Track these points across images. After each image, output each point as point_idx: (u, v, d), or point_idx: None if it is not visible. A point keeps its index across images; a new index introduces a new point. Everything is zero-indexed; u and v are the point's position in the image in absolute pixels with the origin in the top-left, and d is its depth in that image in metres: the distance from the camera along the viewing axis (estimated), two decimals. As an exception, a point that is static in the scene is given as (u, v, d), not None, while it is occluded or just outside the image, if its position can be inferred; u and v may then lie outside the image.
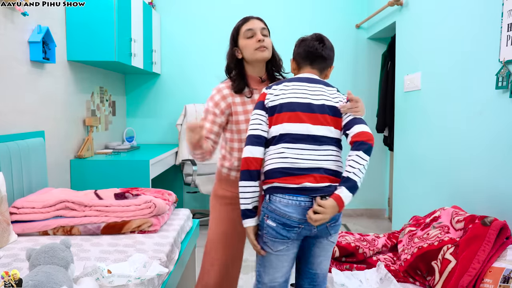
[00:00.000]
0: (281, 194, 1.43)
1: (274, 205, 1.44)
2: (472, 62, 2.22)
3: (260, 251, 1.50)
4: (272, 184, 1.45)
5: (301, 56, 1.63)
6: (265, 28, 1.71)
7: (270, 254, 1.49)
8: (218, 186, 1.81)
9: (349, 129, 1.49)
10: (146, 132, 4.32)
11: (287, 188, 1.43)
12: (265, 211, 1.47)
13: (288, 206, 1.42)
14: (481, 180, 2.11)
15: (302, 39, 1.65)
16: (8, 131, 2.26)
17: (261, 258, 1.52)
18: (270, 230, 1.45)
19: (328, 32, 4.75)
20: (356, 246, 1.98)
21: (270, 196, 1.46)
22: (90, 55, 2.97)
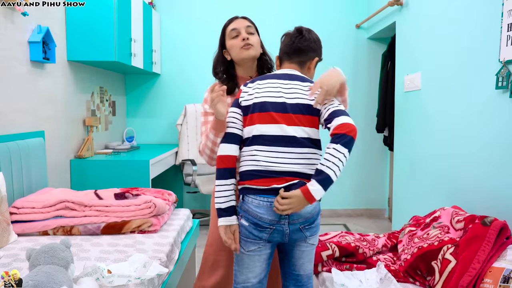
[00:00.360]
0: (253, 195, 1.43)
1: (247, 206, 1.44)
2: (472, 62, 2.22)
3: (234, 248, 1.47)
4: (244, 185, 1.46)
5: (281, 51, 1.60)
6: (250, 26, 1.70)
7: (242, 254, 1.48)
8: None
9: (329, 123, 1.38)
10: (146, 132, 4.32)
11: (258, 190, 1.42)
12: (239, 210, 1.48)
13: (259, 207, 1.41)
14: (481, 180, 2.11)
15: (284, 34, 1.61)
16: (8, 131, 2.26)
17: (236, 257, 1.52)
18: (243, 229, 1.45)
19: (328, 32, 4.78)
20: (356, 246, 1.98)
21: (244, 196, 1.46)
22: (90, 55, 2.97)
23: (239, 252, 1.49)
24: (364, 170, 4.38)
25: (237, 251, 1.48)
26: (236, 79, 1.72)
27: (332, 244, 1.97)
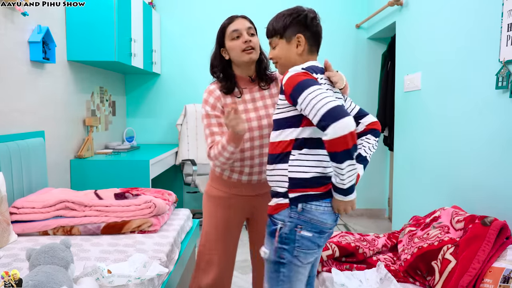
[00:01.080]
0: (317, 201, 1.34)
1: (311, 215, 1.33)
2: (472, 62, 2.22)
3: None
4: (307, 192, 1.34)
5: (312, 36, 1.46)
6: (251, 27, 1.67)
7: (299, 267, 1.37)
8: (210, 185, 1.79)
9: (362, 118, 1.54)
10: (146, 132, 4.32)
11: (321, 195, 1.34)
12: (297, 221, 1.33)
13: (324, 213, 1.34)
14: (481, 180, 2.11)
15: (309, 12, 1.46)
16: (8, 131, 2.26)
17: (287, 274, 1.37)
18: (306, 241, 1.34)
19: (328, 32, 4.75)
20: (356, 246, 1.98)
21: (303, 205, 1.34)
22: (90, 55, 2.97)
23: (294, 266, 1.35)
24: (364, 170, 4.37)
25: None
26: (234, 78, 1.71)
27: (332, 244, 1.97)
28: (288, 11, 1.46)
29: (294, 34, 1.43)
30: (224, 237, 1.76)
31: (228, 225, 1.74)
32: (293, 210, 1.34)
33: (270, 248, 1.38)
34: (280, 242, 1.35)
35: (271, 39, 1.48)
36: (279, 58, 1.47)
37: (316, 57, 1.50)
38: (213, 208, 1.76)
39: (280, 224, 1.35)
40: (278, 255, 1.36)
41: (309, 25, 1.44)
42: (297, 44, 1.43)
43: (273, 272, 1.38)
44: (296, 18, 1.43)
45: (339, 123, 1.20)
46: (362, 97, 4.31)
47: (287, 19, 1.43)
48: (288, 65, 1.44)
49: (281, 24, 1.44)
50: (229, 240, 1.78)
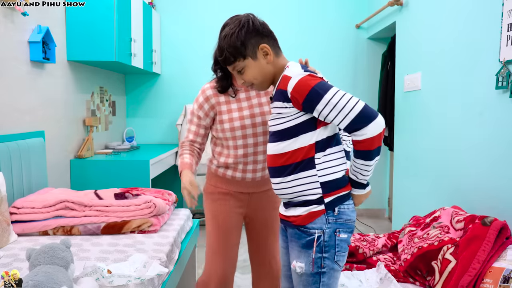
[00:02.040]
0: (347, 201, 1.32)
1: (346, 215, 1.31)
2: (472, 62, 2.22)
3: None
4: (341, 193, 1.31)
5: (271, 39, 1.39)
6: (234, 66, 1.61)
7: (337, 272, 1.33)
8: (207, 183, 1.81)
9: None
10: (146, 132, 4.32)
11: (349, 193, 1.34)
12: (335, 226, 1.30)
13: (353, 211, 1.34)
14: (481, 180, 2.11)
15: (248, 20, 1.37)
16: (8, 131, 2.26)
17: (327, 282, 1.31)
18: (344, 244, 1.31)
19: (328, 32, 4.78)
20: (356, 246, 1.98)
21: (337, 207, 1.30)
22: (90, 55, 2.97)
23: (334, 272, 1.32)
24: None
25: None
26: (231, 78, 1.68)
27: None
28: (233, 28, 1.36)
29: (256, 47, 1.35)
30: (224, 234, 1.74)
31: (227, 221, 1.73)
32: (330, 215, 1.29)
33: (305, 260, 1.31)
34: (320, 252, 1.29)
35: (233, 65, 1.38)
36: (254, 79, 1.39)
37: (283, 56, 1.43)
38: (211, 204, 1.77)
39: (317, 233, 1.29)
40: (318, 265, 1.30)
41: (261, 30, 1.37)
42: (265, 55, 1.36)
43: (311, 284, 1.32)
44: (247, 30, 1.34)
45: (375, 123, 1.20)
46: (362, 97, 4.30)
47: (241, 35, 1.34)
48: (266, 80, 1.39)
49: (237, 44, 1.34)
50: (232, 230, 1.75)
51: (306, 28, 4.23)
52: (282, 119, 1.31)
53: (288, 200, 1.36)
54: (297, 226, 1.32)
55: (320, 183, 1.29)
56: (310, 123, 1.29)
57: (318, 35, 4.26)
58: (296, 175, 1.30)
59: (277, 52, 1.40)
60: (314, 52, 4.23)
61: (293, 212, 1.34)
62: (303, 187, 1.30)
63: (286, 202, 1.38)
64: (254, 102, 1.68)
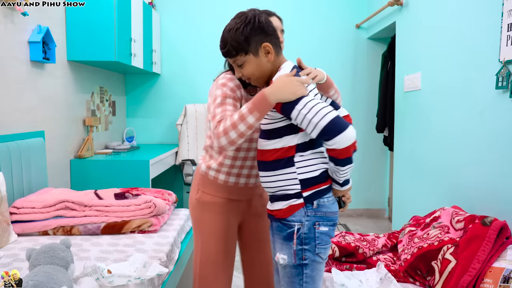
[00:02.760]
0: (327, 194, 1.37)
1: (325, 208, 1.36)
2: (472, 62, 2.22)
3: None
4: (319, 188, 1.36)
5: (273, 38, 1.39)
6: (283, 30, 1.59)
7: (320, 265, 1.37)
8: (202, 191, 1.61)
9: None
10: (146, 132, 4.32)
11: (329, 187, 1.39)
12: (314, 219, 1.34)
13: (334, 203, 1.39)
14: (481, 180, 2.11)
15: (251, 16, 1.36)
16: (8, 131, 2.26)
17: (310, 274, 1.36)
18: (324, 236, 1.35)
19: (328, 32, 4.77)
20: (356, 246, 1.98)
21: (316, 201, 1.35)
22: (90, 55, 2.97)
23: (317, 264, 1.36)
24: (364, 170, 4.38)
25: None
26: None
27: (332, 244, 1.97)
28: (239, 23, 1.35)
29: (259, 45, 1.36)
30: (226, 248, 1.63)
31: (227, 233, 1.62)
32: (308, 209, 1.35)
33: (288, 252, 1.35)
34: (300, 244, 1.34)
35: (234, 58, 1.38)
36: (252, 74, 1.39)
37: (283, 54, 1.46)
38: (211, 216, 1.60)
39: (297, 225, 1.34)
40: (300, 257, 1.34)
41: (266, 28, 1.36)
42: (266, 54, 1.37)
43: (295, 276, 1.36)
44: (253, 27, 1.34)
45: (343, 136, 1.24)
46: (362, 97, 4.31)
47: (245, 31, 1.33)
48: (264, 77, 1.41)
49: (241, 39, 1.34)
50: (230, 251, 1.66)
51: (306, 28, 4.23)
52: (270, 119, 1.37)
53: (271, 193, 1.43)
54: (279, 219, 1.38)
55: (299, 180, 1.35)
56: (292, 127, 1.35)
57: (318, 35, 4.26)
58: (277, 171, 1.37)
59: (277, 51, 1.41)
60: (314, 52, 4.23)
61: (276, 206, 1.40)
62: (283, 182, 1.37)
63: (270, 196, 1.44)
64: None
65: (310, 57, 4.22)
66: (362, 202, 4.43)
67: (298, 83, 1.29)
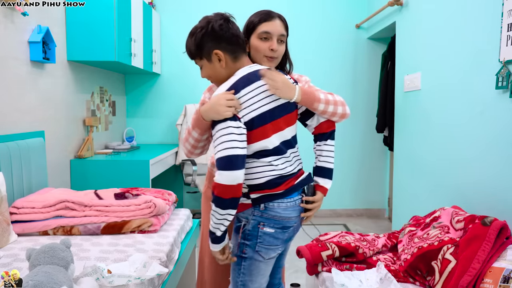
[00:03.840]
0: (278, 199, 1.41)
1: (273, 212, 1.40)
2: (472, 62, 2.22)
3: (231, 259, 1.47)
4: (265, 193, 1.40)
5: (229, 42, 1.40)
6: (284, 34, 1.54)
7: (260, 262, 1.45)
8: (207, 186, 1.76)
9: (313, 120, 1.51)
10: (146, 132, 4.32)
11: (282, 194, 1.41)
12: (259, 219, 1.41)
13: (287, 208, 1.42)
14: (481, 180, 2.11)
15: (210, 20, 1.42)
16: (8, 131, 2.26)
17: (248, 267, 1.45)
18: (268, 237, 1.41)
19: (328, 32, 4.76)
20: (356, 246, 1.98)
21: (265, 204, 1.40)
22: (90, 55, 2.97)
23: (255, 261, 1.44)
24: (364, 170, 4.38)
25: (233, 260, 1.47)
26: None
27: (332, 244, 1.97)
28: (196, 27, 1.42)
29: (211, 51, 1.40)
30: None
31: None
32: (256, 209, 1.41)
33: (234, 242, 1.48)
34: (243, 238, 1.44)
35: (194, 60, 1.48)
36: (209, 77, 1.48)
37: (244, 59, 1.45)
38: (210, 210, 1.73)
39: (243, 221, 1.44)
40: (241, 250, 1.44)
41: (221, 35, 1.38)
42: (219, 60, 1.41)
43: (236, 265, 1.48)
44: (205, 34, 1.39)
45: (220, 174, 1.29)
46: (362, 97, 4.31)
47: (197, 37, 1.40)
48: (220, 80, 1.45)
49: (193, 45, 1.42)
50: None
51: (306, 28, 4.23)
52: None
53: None
54: (237, 212, 1.46)
55: (246, 184, 1.42)
56: None
57: (318, 35, 4.26)
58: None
59: (235, 57, 1.42)
60: (314, 52, 4.24)
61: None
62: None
63: None
64: None
65: (310, 57, 4.22)
66: (362, 202, 4.43)
67: (225, 104, 1.31)
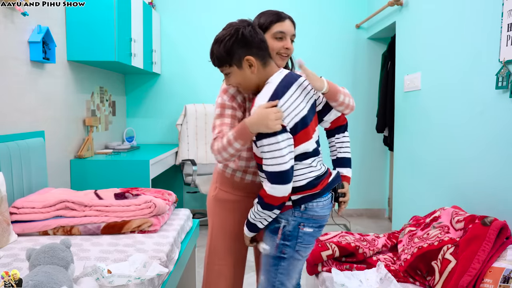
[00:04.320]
0: (316, 199, 1.45)
1: (312, 211, 1.44)
2: (472, 62, 2.22)
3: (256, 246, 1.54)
4: (305, 194, 1.44)
5: (261, 50, 1.42)
6: (294, 34, 1.59)
7: (298, 261, 1.49)
8: (219, 188, 1.66)
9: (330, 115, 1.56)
10: (146, 132, 4.32)
11: (319, 193, 1.45)
12: (300, 220, 1.44)
13: (324, 207, 1.46)
14: (481, 180, 2.11)
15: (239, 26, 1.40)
16: (8, 131, 2.26)
17: (286, 267, 1.47)
18: (307, 237, 1.46)
19: (328, 32, 4.76)
20: (356, 246, 1.98)
21: (304, 205, 1.44)
22: (90, 55, 2.97)
23: (294, 260, 1.47)
24: (364, 170, 4.38)
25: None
26: None
27: (332, 244, 1.97)
28: (224, 34, 1.40)
29: (242, 58, 1.39)
30: (236, 245, 1.66)
31: (239, 231, 1.63)
32: (296, 210, 1.44)
33: (270, 244, 1.47)
34: (283, 239, 1.45)
35: (220, 68, 1.45)
36: (238, 84, 1.45)
37: (272, 64, 1.47)
38: (222, 213, 1.66)
39: (283, 223, 1.45)
40: (280, 250, 1.45)
41: (251, 41, 1.39)
42: (250, 66, 1.41)
43: (272, 266, 1.48)
44: (236, 41, 1.38)
45: (272, 187, 1.35)
46: (362, 97, 4.31)
47: (228, 44, 1.38)
48: (250, 87, 1.46)
49: (223, 52, 1.40)
50: (241, 249, 1.68)
51: (306, 28, 4.23)
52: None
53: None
54: None
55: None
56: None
57: (318, 35, 4.26)
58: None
59: (264, 62, 1.43)
60: (314, 52, 4.24)
61: None
62: None
63: None
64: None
65: (310, 57, 4.22)
66: (362, 202, 4.43)
67: (274, 118, 1.32)
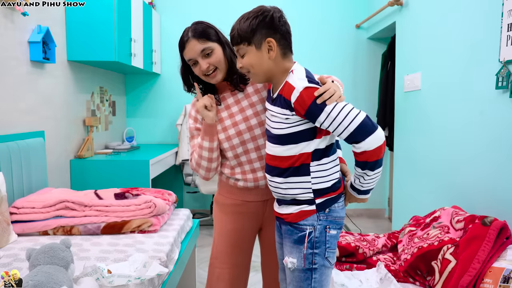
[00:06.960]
0: (338, 200, 1.37)
1: (335, 213, 1.36)
2: (472, 62, 2.22)
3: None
4: (332, 196, 1.36)
5: (286, 39, 1.34)
6: (204, 48, 1.46)
7: (329, 269, 1.37)
8: (218, 193, 1.67)
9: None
10: (146, 132, 4.33)
11: (340, 194, 1.39)
12: (325, 223, 1.35)
13: (343, 208, 1.40)
14: (481, 180, 2.11)
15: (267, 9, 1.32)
16: (8, 131, 2.26)
17: (319, 278, 1.35)
18: (333, 240, 1.36)
19: (328, 32, 4.76)
20: (356, 246, 1.98)
21: (329, 207, 1.36)
22: (90, 55, 2.97)
23: (325, 269, 1.36)
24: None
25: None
26: (215, 86, 1.58)
27: (332, 244, 1.96)
28: (252, 13, 1.32)
29: (263, 39, 1.30)
30: (235, 249, 1.62)
31: (240, 235, 1.61)
32: (321, 213, 1.35)
33: (297, 256, 1.34)
34: (311, 247, 1.33)
35: (237, 46, 1.34)
36: (251, 67, 1.34)
37: (291, 59, 1.38)
38: (222, 216, 1.64)
39: (309, 229, 1.33)
40: (310, 261, 1.34)
41: (278, 26, 1.31)
42: (269, 49, 1.31)
43: (304, 280, 1.35)
44: (263, 21, 1.29)
45: (373, 137, 1.23)
46: (362, 97, 4.31)
47: (253, 23, 1.29)
48: (262, 73, 1.35)
49: (247, 29, 1.30)
50: (241, 252, 1.64)
51: (306, 28, 4.24)
52: (284, 124, 1.32)
53: (280, 198, 1.41)
54: (289, 223, 1.37)
55: (312, 189, 1.33)
56: (310, 132, 1.31)
57: (318, 35, 4.27)
58: (290, 179, 1.34)
59: (285, 53, 1.35)
60: (314, 52, 4.24)
61: (285, 210, 1.38)
62: (295, 190, 1.35)
63: (278, 199, 1.42)
64: (244, 104, 1.54)
65: (310, 57, 4.22)
66: (362, 202, 4.43)
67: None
